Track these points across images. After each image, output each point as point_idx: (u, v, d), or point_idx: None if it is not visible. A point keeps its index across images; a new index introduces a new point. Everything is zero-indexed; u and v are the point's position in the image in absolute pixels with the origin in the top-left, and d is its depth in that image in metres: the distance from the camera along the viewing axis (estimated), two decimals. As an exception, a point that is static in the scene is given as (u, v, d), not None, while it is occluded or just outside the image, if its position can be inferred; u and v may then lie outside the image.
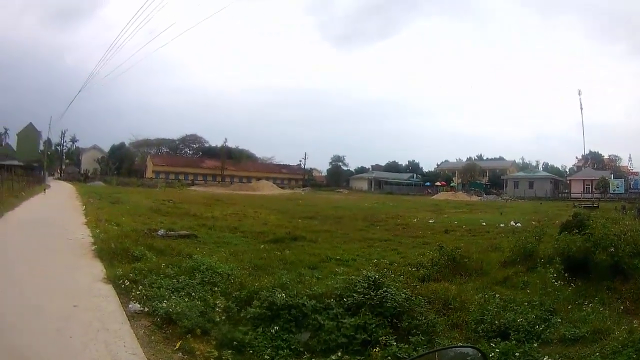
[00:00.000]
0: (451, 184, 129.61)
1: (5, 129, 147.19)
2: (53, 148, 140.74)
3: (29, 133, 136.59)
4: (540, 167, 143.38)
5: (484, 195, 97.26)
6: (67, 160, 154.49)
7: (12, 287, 11.18)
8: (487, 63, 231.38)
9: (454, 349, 3.01)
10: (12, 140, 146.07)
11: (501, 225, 30.26)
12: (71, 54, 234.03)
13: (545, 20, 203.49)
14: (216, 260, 13.72)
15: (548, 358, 7.37)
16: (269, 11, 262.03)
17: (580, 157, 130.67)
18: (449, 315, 9.61)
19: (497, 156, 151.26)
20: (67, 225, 24.62)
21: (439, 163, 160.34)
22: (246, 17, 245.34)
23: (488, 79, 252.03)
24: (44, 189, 39.03)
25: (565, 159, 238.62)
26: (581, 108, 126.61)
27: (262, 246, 18.99)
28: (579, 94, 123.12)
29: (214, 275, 11.96)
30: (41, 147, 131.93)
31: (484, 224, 31.49)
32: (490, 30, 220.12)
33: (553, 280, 12.18)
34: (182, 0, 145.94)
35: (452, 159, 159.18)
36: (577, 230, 14.17)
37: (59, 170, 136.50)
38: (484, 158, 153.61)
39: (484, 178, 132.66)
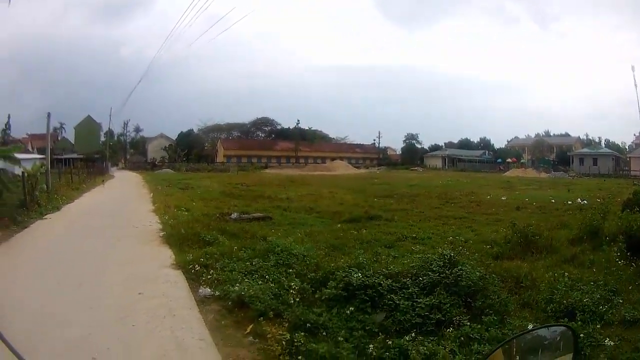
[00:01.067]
0: (521, 161, 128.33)
1: (61, 123, 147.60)
2: (115, 139, 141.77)
3: (88, 126, 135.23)
4: (602, 143, 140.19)
5: (552, 172, 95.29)
6: (132, 150, 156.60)
7: (73, 278, 11.32)
8: (551, 37, 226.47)
9: (546, 328, 3.03)
10: (69, 134, 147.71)
11: (569, 202, 29.90)
12: (127, 46, 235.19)
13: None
14: (291, 241, 13.68)
15: (609, 340, 7.19)
16: None
17: (638, 134, 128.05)
18: (520, 294, 9.46)
19: (563, 132, 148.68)
20: (133, 213, 25.13)
21: (509, 139, 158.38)
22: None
23: (553, 54, 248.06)
24: (103, 181, 40.72)
25: (625, 135, 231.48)
26: (635, 85, 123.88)
27: (338, 226, 19.02)
28: (633, 70, 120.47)
29: (289, 256, 11.91)
30: (102, 139, 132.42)
31: (553, 200, 31.19)
32: (553, 5, 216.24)
33: (617, 260, 11.93)
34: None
35: (522, 136, 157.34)
36: (638, 209, 14.05)
37: (123, 161, 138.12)
38: (551, 134, 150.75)
39: (551, 155, 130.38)
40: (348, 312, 8.31)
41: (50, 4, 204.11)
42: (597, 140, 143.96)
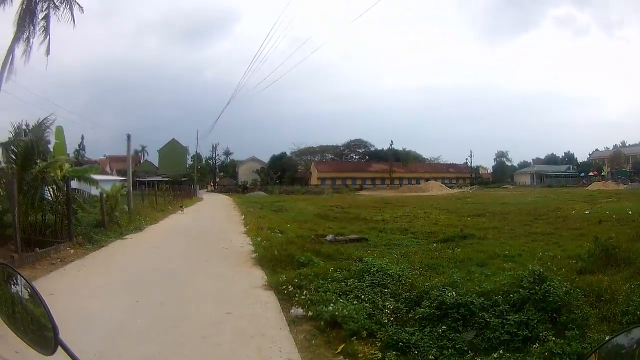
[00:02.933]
0: (602, 174, 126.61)
1: (143, 146, 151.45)
2: (203, 162, 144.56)
3: (173, 148, 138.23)
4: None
5: (629, 183, 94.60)
6: (222, 173, 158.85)
7: (154, 297, 11.48)
8: (618, 44, 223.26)
9: (623, 334, 2.91)
10: (152, 157, 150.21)
11: (643, 213, 29.34)
12: (210, 69, 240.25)
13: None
14: (387, 261, 13.45)
15: None
16: (415, 9, 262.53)
17: None
18: (600, 307, 9.28)
19: (638, 142, 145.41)
20: (223, 234, 25.52)
21: (590, 152, 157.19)
22: (393, 18, 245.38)
23: (622, 61, 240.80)
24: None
25: None
26: None
27: (432, 246, 18.92)
28: None
29: (384, 277, 11.75)
30: (189, 162, 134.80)
31: (630, 212, 30.51)
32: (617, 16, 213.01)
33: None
34: (322, 6, 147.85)
35: (602, 148, 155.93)
36: None
37: (212, 183, 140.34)
38: (627, 144, 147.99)
39: (627, 165, 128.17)
40: (440, 330, 8.28)
41: (128, 27, 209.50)
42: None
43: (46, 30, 33.37)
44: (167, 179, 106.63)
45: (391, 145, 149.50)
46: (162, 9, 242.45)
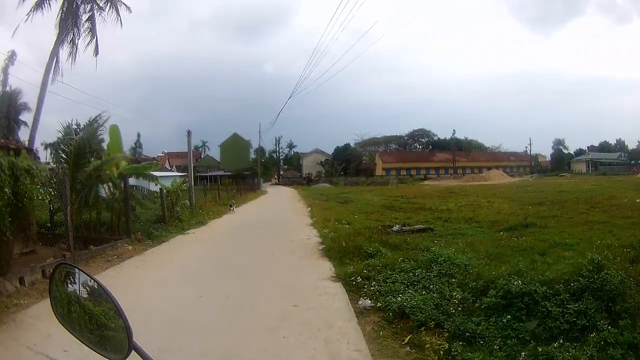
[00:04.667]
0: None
1: (203, 142, 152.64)
2: (267, 155, 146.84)
3: (235, 143, 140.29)
4: None
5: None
6: (286, 166, 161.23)
7: (219, 290, 11.56)
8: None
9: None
10: (213, 152, 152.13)
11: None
12: (269, 62, 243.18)
13: None
14: (453, 251, 13.65)
15: None
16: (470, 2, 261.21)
17: None
18: (650, 296, 9.46)
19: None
20: (289, 227, 26.03)
21: (639, 139, 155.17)
22: (451, 9, 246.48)
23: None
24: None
25: None
26: None
27: (497, 235, 19.02)
28: None
29: (451, 266, 11.91)
30: (252, 155, 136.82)
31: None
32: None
33: None
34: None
35: None
36: None
37: (276, 176, 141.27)
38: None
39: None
40: (504, 320, 8.28)
41: (182, 23, 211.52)
42: None
43: (92, 31, 33.84)
44: (229, 173, 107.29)
45: (453, 134, 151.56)
46: (216, 4, 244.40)
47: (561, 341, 7.35)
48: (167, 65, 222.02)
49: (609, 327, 7.51)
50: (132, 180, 23.12)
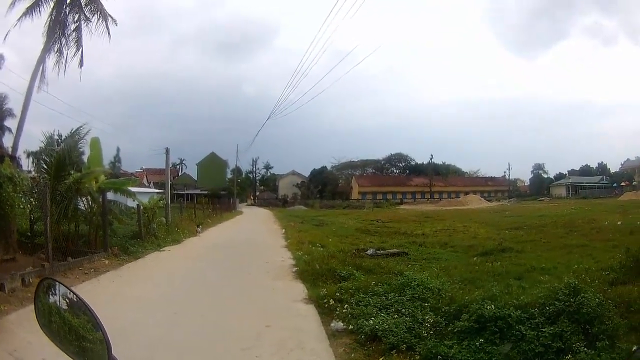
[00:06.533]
0: (632, 183, 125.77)
1: (181, 159, 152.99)
2: (243, 176, 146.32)
3: (212, 162, 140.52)
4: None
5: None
6: (262, 187, 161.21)
7: (193, 309, 11.58)
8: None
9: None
10: (191, 170, 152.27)
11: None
12: (249, 83, 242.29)
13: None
14: (427, 276, 13.70)
15: None
16: (450, 24, 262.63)
17: None
18: (630, 318, 9.35)
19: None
20: (263, 248, 25.94)
21: (622, 162, 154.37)
22: (433, 34, 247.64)
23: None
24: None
25: None
26: None
27: (472, 259, 19.05)
28: None
29: (424, 290, 11.92)
30: (229, 175, 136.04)
31: (661, 222, 30.54)
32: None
33: None
34: (366, 21, 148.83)
35: (633, 157, 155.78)
36: None
37: (252, 197, 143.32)
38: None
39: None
40: (477, 343, 8.34)
41: (165, 40, 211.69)
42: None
43: (78, 42, 33.69)
44: (206, 192, 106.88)
45: (431, 159, 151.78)
46: (199, 23, 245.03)
47: (535, 364, 7.23)
48: (149, 82, 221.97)
49: (585, 349, 7.59)
50: (110, 195, 23.17)
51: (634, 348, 6.22)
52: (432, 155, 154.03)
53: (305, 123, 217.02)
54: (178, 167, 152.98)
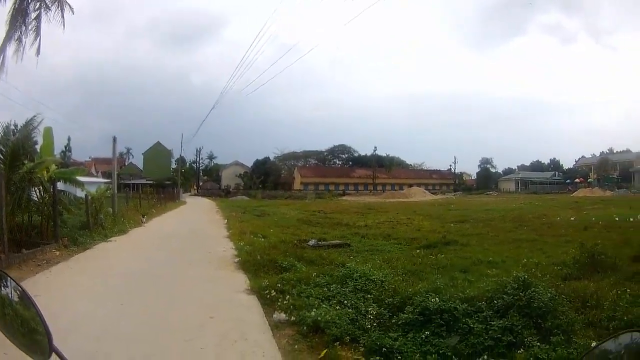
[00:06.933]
0: (588, 180, 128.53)
1: (128, 148, 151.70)
2: (187, 166, 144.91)
3: (158, 152, 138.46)
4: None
5: (616, 190, 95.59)
6: (205, 177, 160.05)
7: (139, 300, 11.55)
8: (606, 52, 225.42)
9: (612, 339, 2.94)
10: (137, 160, 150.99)
11: (631, 219, 30.01)
12: (197, 73, 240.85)
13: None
14: (369, 267, 13.64)
15: None
16: (402, 18, 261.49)
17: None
18: (586, 313, 9.38)
19: (625, 149, 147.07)
20: (206, 238, 25.61)
21: (576, 159, 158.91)
22: (379, 26, 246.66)
23: (610, 69, 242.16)
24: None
25: None
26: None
27: (415, 252, 18.91)
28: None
29: (367, 282, 11.92)
30: (173, 165, 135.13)
31: (617, 219, 31.06)
32: (606, 18, 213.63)
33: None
34: (313, 13, 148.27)
35: (588, 154, 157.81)
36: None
37: (195, 187, 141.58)
38: (614, 151, 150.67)
39: (615, 172, 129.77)
40: (423, 336, 8.34)
41: (117, 30, 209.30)
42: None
43: (37, 30, 33.29)
44: (151, 182, 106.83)
45: (375, 151, 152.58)
46: (151, 12, 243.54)
47: (486, 357, 7.55)
48: (101, 71, 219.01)
49: (539, 344, 7.60)
50: (60, 185, 22.87)
51: (594, 344, 6.36)
52: (375, 147, 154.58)
53: (250, 114, 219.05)
54: (125, 156, 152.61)
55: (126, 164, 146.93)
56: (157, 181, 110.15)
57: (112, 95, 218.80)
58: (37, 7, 32.87)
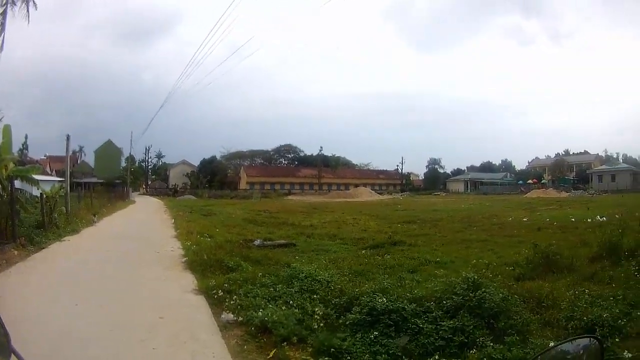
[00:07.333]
0: (542, 181, 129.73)
1: (80, 146, 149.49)
2: (136, 164, 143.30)
3: (109, 150, 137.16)
4: (620, 159, 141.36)
5: (572, 191, 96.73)
6: (154, 176, 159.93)
7: (93, 300, 11.45)
8: (565, 56, 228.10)
9: (569, 342, 2.99)
10: (89, 158, 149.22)
11: (588, 220, 30.01)
12: (148, 71, 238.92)
13: (608, 5, 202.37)
14: (315, 267, 13.65)
15: (627, 352, 7.25)
16: (351, 19, 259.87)
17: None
18: (542, 313, 9.44)
19: (582, 150, 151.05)
20: (155, 238, 25.29)
21: (529, 160, 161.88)
22: (329, 27, 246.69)
23: (568, 72, 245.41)
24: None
25: None
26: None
27: (362, 252, 19.02)
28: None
29: (313, 282, 11.90)
30: (123, 164, 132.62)
31: (573, 219, 31.29)
32: (562, 24, 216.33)
33: (635, 274, 12.00)
34: (263, 12, 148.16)
35: (542, 156, 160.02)
36: (658, 222, 13.97)
37: (144, 186, 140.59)
38: (571, 153, 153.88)
39: (571, 173, 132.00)
40: (372, 336, 8.35)
41: (73, 26, 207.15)
42: (615, 156, 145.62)
43: (2, 25, 32.94)
44: (102, 181, 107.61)
45: (320, 150, 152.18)
46: (106, 8, 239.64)
47: (437, 357, 7.60)
48: (58, 67, 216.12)
49: (492, 344, 7.62)
50: (17, 184, 22.69)
51: (551, 344, 6.44)
52: (321, 147, 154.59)
53: (197, 112, 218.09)
54: (77, 154, 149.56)
55: (78, 162, 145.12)
56: (107, 180, 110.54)
57: (71, 92, 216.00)
58: (4, 2, 32.55)
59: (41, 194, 25.98)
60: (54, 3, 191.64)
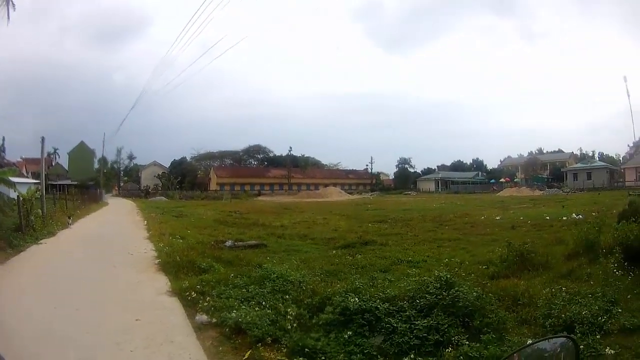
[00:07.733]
0: (515, 180, 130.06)
1: (55, 148, 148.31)
2: (109, 166, 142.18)
3: (82, 152, 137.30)
4: (596, 157, 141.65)
5: (546, 189, 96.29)
6: (126, 178, 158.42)
7: (71, 303, 11.37)
8: (539, 56, 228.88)
9: (546, 340, 3.01)
10: (63, 160, 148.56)
11: (564, 218, 30.13)
12: (120, 72, 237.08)
13: (584, 6, 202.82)
14: (287, 268, 13.70)
15: (609, 349, 7.31)
16: (321, 20, 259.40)
17: (632, 145, 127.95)
18: (518, 311, 9.48)
19: (556, 149, 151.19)
20: (128, 240, 25.20)
21: (502, 159, 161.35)
22: (300, 27, 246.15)
23: (542, 72, 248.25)
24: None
25: (619, 147, 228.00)
26: (628, 95, 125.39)
27: (333, 252, 19.10)
28: (625, 81, 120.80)
29: (285, 283, 11.96)
30: (96, 165, 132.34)
31: (548, 218, 31.41)
32: (536, 24, 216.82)
33: (614, 271, 11.97)
34: (233, 14, 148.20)
35: (514, 155, 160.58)
36: (634, 219, 14.01)
37: (116, 188, 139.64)
38: (544, 152, 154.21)
39: (545, 172, 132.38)
40: (346, 336, 8.37)
41: (47, 27, 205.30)
42: (590, 154, 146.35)
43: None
44: (76, 183, 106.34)
45: (290, 151, 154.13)
46: (79, 8, 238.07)
47: (412, 356, 7.59)
48: (31, 69, 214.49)
49: (468, 342, 7.61)
50: (-6, 186, 22.62)
51: (529, 341, 6.48)
52: (290, 148, 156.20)
53: (168, 113, 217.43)
54: (52, 156, 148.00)
55: (53, 164, 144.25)
56: (81, 182, 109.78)
57: (44, 94, 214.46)
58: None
59: (18, 196, 26.08)
60: (26, 4, 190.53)
